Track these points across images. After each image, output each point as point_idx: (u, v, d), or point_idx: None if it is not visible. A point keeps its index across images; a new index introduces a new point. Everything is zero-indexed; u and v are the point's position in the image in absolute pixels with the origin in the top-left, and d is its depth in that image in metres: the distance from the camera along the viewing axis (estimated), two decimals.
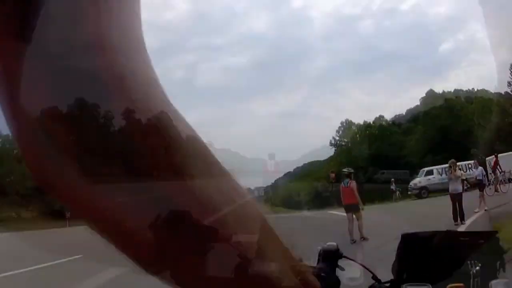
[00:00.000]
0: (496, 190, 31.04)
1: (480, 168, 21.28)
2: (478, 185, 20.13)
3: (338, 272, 1.25)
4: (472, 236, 1.47)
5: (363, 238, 14.52)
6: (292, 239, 0.72)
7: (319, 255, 1.29)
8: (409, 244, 1.39)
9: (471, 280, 1.23)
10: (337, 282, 1.21)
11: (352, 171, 16.60)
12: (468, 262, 1.26)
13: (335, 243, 1.32)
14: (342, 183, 16.00)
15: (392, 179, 46.40)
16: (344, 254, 1.34)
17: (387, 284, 1.33)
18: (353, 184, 15.70)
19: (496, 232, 1.44)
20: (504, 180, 39.28)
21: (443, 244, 1.37)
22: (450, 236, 1.46)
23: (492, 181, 38.95)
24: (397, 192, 44.40)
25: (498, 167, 39.40)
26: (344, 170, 16.67)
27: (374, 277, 1.34)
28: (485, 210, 18.16)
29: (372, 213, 20.70)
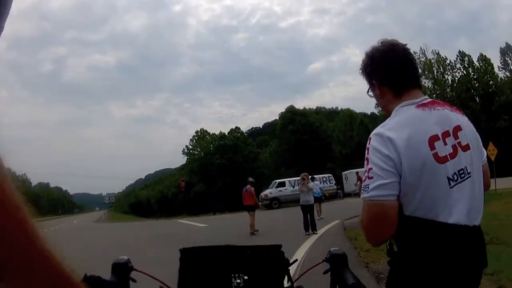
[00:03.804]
0: None
1: (316, 182, 21.57)
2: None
3: (132, 284, 1.33)
4: (252, 250, 1.48)
5: (256, 231, 17.52)
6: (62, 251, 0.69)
7: (111, 268, 1.31)
8: (187, 257, 1.45)
9: None
10: None
11: (253, 180, 19.30)
12: (232, 274, 1.35)
13: (126, 257, 1.35)
14: (244, 188, 18.74)
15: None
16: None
17: None
18: (252, 189, 18.56)
19: (280, 246, 1.50)
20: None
21: (218, 257, 1.44)
22: (226, 249, 1.48)
23: (358, 192, 41.54)
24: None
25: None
26: (249, 179, 19.16)
27: (162, 287, 1.42)
28: (321, 218, 20.05)
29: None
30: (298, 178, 18.48)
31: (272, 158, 79.67)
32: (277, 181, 44.49)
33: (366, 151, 1.99)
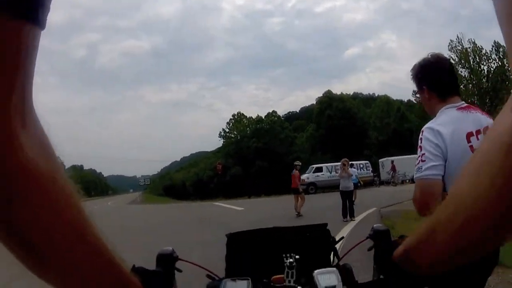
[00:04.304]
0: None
1: (353, 169, 21.58)
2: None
3: (177, 274, 1.31)
4: (299, 230, 1.51)
5: (298, 214, 18.10)
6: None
7: (156, 259, 1.30)
8: (234, 242, 1.47)
9: (286, 270, 1.29)
10: (173, 284, 1.28)
11: (300, 164, 20.34)
12: (284, 254, 1.33)
13: (170, 248, 1.34)
14: (292, 172, 19.55)
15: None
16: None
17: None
18: (297, 173, 19.35)
19: (326, 224, 1.51)
20: (399, 181, 42.89)
21: (266, 239, 1.48)
22: (274, 231, 1.51)
23: (390, 181, 43.78)
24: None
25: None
26: (296, 162, 20.06)
27: (209, 275, 1.41)
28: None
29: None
30: (336, 163, 18.57)
31: (308, 142, 79.33)
32: (314, 166, 44.29)
33: (420, 141, 2.57)
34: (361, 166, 42.89)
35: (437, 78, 2.79)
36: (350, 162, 20.24)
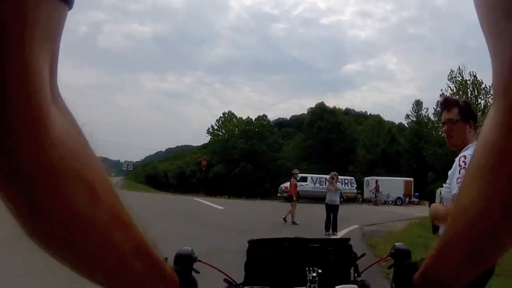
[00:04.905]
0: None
1: (338, 183, 22.06)
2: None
3: (194, 275, 1.27)
4: (322, 242, 1.49)
5: (293, 223, 18.56)
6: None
7: (174, 259, 1.27)
8: (255, 249, 1.44)
9: (309, 284, 1.27)
10: (194, 284, 1.25)
11: (298, 171, 20.96)
12: (307, 268, 1.31)
13: (190, 248, 1.32)
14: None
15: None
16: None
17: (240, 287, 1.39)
18: (293, 181, 19.87)
19: (348, 239, 1.50)
20: (381, 201, 43.58)
21: (290, 249, 1.44)
22: (298, 242, 1.49)
23: (373, 200, 44.26)
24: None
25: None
26: (294, 171, 20.50)
27: (227, 279, 1.40)
28: None
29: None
30: (321, 175, 18.53)
31: (295, 151, 79.76)
32: (300, 175, 43.80)
33: (463, 163, 3.17)
34: (346, 181, 42.93)
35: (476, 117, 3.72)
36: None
